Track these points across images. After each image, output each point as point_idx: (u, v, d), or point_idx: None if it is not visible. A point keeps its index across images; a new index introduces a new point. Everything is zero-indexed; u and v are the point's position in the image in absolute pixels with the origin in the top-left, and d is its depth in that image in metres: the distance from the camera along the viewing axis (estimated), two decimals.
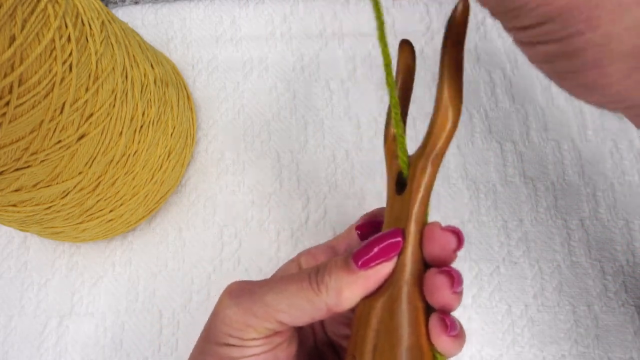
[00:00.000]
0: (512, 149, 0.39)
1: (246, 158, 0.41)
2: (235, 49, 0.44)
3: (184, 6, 0.45)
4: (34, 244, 0.40)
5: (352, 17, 0.44)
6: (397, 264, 0.21)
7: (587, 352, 0.34)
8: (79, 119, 0.27)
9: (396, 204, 0.22)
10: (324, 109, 0.41)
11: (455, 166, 0.39)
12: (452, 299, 0.20)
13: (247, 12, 0.45)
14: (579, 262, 0.36)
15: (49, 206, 0.30)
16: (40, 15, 0.22)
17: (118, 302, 0.38)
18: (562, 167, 0.38)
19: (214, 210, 0.40)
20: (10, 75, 0.21)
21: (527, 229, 0.37)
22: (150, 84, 0.34)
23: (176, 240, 0.39)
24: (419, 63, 0.42)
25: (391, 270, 0.21)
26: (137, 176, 0.34)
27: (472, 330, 0.35)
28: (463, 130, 0.40)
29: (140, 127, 0.33)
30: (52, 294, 0.39)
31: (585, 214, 0.37)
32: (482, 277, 0.36)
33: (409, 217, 0.21)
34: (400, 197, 0.22)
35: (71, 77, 0.25)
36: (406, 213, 0.21)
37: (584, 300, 0.36)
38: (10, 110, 0.22)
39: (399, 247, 0.21)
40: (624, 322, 0.35)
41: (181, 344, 0.37)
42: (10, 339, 0.38)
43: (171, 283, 0.38)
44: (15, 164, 0.25)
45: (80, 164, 0.29)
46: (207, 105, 0.42)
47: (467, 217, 0.38)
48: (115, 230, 0.37)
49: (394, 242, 0.21)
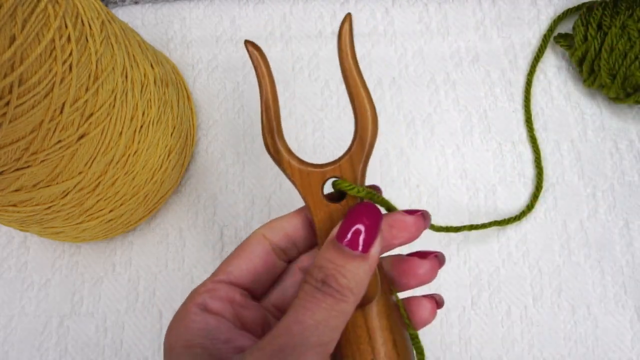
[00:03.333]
0: (512, 149, 0.39)
1: (246, 158, 0.41)
2: (235, 49, 0.44)
3: (184, 6, 0.45)
4: (34, 244, 0.40)
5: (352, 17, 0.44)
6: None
7: (587, 352, 0.35)
8: (79, 119, 0.27)
9: (334, 212, 0.22)
10: (323, 109, 0.41)
11: (455, 166, 0.39)
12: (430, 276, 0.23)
13: (247, 12, 0.45)
14: (579, 262, 0.36)
15: (49, 206, 0.30)
16: (40, 15, 0.22)
17: (118, 302, 0.38)
18: (561, 167, 0.38)
19: (214, 210, 0.40)
20: (10, 75, 0.21)
21: (527, 229, 0.37)
22: (150, 84, 0.34)
23: (176, 240, 0.39)
24: (417, 62, 0.42)
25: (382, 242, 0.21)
26: (137, 176, 0.34)
27: (472, 330, 0.35)
28: (463, 130, 0.40)
29: (140, 127, 0.33)
30: (52, 294, 0.39)
31: (585, 214, 0.37)
32: (482, 278, 0.37)
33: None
34: (337, 204, 0.22)
35: (71, 77, 0.25)
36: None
37: (583, 301, 0.36)
38: (10, 110, 0.22)
39: (379, 214, 0.21)
40: (623, 322, 0.35)
41: None
42: (10, 339, 0.38)
43: (171, 283, 0.38)
44: (15, 164, 0.25)
45: (80, 164, 0.29)
46: (207, 105, 0.42)
47: (467, 218, 0.38)
48: (115, 230, 0.37)
49: (374, 211, 0.21)
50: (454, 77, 0.41)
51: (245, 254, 0.23)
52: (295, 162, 0.23)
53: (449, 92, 0.41)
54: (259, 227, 0.24)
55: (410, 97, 0.41)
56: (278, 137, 0.23)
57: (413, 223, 0.22)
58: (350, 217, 0.21)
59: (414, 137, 0.40)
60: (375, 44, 0.43)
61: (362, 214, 0.21)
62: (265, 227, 0.24)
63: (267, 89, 0.23)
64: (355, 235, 0.20)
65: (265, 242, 0.24)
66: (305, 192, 0.23)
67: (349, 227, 0.20)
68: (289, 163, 0.23)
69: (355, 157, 0.22)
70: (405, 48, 0.42)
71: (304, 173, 0.23)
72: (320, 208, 0.22)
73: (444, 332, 0.36)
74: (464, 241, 0.37)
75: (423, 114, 0.40)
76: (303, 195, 0.23)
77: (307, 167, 0.23)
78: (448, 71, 0.41)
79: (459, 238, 0.37)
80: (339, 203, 0.22)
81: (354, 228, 0.20)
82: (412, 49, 0.42)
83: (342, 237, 0.20)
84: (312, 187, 0.23)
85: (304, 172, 0.23)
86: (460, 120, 0.40)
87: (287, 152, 0.23)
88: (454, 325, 0.36)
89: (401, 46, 0.42)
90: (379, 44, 0.43)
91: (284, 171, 0.23)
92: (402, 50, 0.42)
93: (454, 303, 0.36)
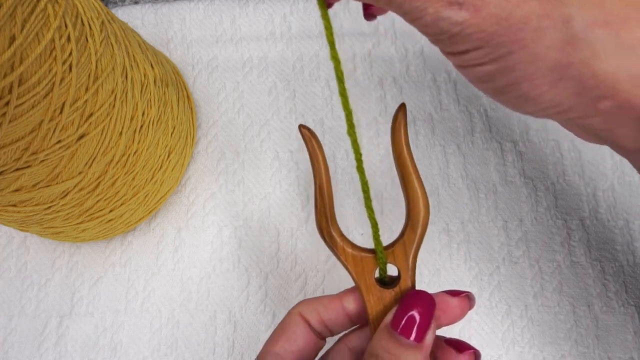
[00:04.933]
0: (512, 149, 0.39)
1: (246, 158, 0.41)
2: (235, 49, 0.44)
3: (184, 6, 0.45)
4: (34, 244, 0.40)
5: (352, 17, 0.44)
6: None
7: (587, 352, 0.34)
8: (79, 119, 0.27)
9: (386, 297, 0.23)
10: (323, 109, 0.41)
11: (455, 166, 0.39)
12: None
13: (247, 12, 0.45)
14: (579, 262, 0.36)
15: (49, 206, 0.30)
16: (40, 15, 0.22)
17: (118, 302, 0.38)
18: (562, 167, 0.38)
19: (214, 210, 0.40)
20: (10, 75, 0.21)
21: (527, 229, 0.37)
22: (150, 84, 0.34)
23: (176, 240, 0.39)
24: (418, 62, 0.42)
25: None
26: (137, 176, 0.34)
27: (472, 330, 0.35)
28: (463, 130, 0.40)
29: (140, 127, 0.32)
30: (52, 294, 0.39)
31: (585, 214, 0.37)
32: (482, 277, 0.36)
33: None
34: (389, 290, 0.23)
35: (71, 77, 0.25)
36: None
37: (584, 300, 0.36)
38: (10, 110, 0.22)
39: (433, 302, 0.21)
40: (624, 322, 0.35)
41: (181, 343, 0.37)
42: (10, 339, 0.38)
43: (171, 283, 0.38)
44: (15, 164, 0.25)
45: (80, 164, 0.29)
46: (207, 105, 0.42)
47: (467, 217, 0.38)
48: (115, 231, 0.37)
49: (428, 299, 0.21)
50: (455, 77, 0.41)
51: (287, 335, 0.23)
52: (349, 248, 0.23)
53: (449, 92, 0.41)
54: (296, 306, 0.24)
55: (411, 97, 0.41)
56: (332, 223, 0.23)
57: (457, 305, 0.22)
58: (405, 305, 0.21)
59: (414, 137, 0.40)
60: (376, 44, 0.43)
61: (417, 302, 0.21)
62: (302, 306, 0.24)
63: (321, 175, 0.23)
64: (409, 322, 0.20)
65: (304, 323, 0.24)
66: (359, 277, 0.23)
67: (404, 315, 0.20)
68: (343, 249, 0.23)
69: (408, 244, 0.23)
70: (406, 48, 0.42)
71: (357, 259, 0.23)
72: (373, 293, 0.23)
73: (444, 331, 0.36)
74: (465, 240, 0.37)
75: (424, 113, 0.40)
76: (356, 280, 0.23)
77: (360, 252, 0.23)
78: (449, 71, 0.41)
79: (459, 237, 0.37)
80: (392, 289, 0.23)
81: (408, 315, 0.20)
82: (413, 49, 0.42)
83: (397, 325, 0.20)
84: (365, 272, 0.23)
85: (358, 258, 0.23)
86: (461, 120, 0.40)
87: (341, 238, 0.23)
88: (454, 325, 0.36)
89: (402, 46, 0.42)
90: (380, 44, 0.43)
91: (337, 257, 0.23)
92: (403, 50, 0.42)
93: None
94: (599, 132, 0.21)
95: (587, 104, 0.20)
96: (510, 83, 0.20)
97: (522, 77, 0.20)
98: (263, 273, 0.38)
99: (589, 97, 0.20)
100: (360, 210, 0.39)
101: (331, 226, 0.23)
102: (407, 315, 0.20)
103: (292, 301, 0.37)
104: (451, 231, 0.38)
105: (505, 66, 0.20)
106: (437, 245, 0.37)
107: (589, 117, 0.20)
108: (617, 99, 0.19)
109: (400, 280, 0.23)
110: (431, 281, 0.37)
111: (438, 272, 0.37)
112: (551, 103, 0.21)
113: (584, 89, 0.20)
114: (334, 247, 0.23)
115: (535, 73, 0.20)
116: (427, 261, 0.37)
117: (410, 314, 0.20)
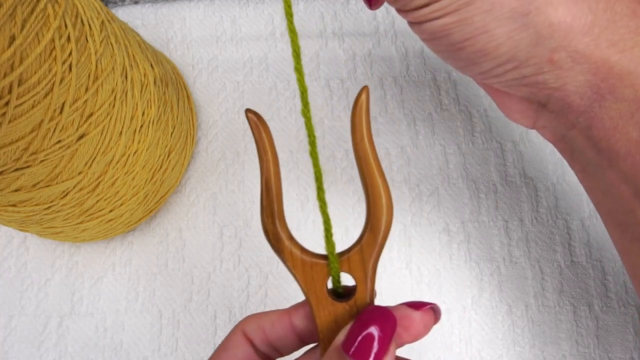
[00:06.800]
0: (513, 149, 0.39)
1: (246, 158, 0.41)
2: (235, 49, 0.44)
3: (184, 6, 0.45)
4: (34, 244, 0.40)
5: (352, 17, 0.44)
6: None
7: (587, 352, 0.34)
8: (79, 119, 0.27)
9: (339, 311, 0.19)
10: (323, 109, 0.41)
11: (455, 166, 0.39)
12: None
13: (247, 12, 0.45)
14: (580, 262, 0.36)
15: (49, 206, 0.30)
16: (40, 15, 0.22)
17: (118, 302, 0.38)
18: (562, 167, 0.38)
19: (214, 210, 0.40)
20: (10, 75, 0.21)
21: (528, 229, 0.37)
22: (150, 84, 0.34)
23: (176, 240, 0.39)
24: (418, 62, 0.42)
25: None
26: (137, 176, 0.34)
27: (472, 330, 0.35)
28: (463, 130, 0.40)
29: (140, 127, 0.32)
30: (52, 294, 0.39)
31: (586, 214, 0.37)
32: (483, 278, 0.36)
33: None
34: (343, 303, 0.19)
35: (71, 77, 0.25)
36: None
37: (584, 300, 0.36)
38: (10, 110, 0.22)
39: (394, 321, 0.18)
40: (624, 322, 0.35)
41: (181, 344, 0.37)
42: (10, 339, 0.38)
43: (171, 283, 0.38)
44: (15, 164, 0.25)
45: (80, 164, 0.29)
46: (207, 105, 0.42)
47: (467, 217, 0.38)
48: (115, 231, 0.37)
49: (389, 318, 0.18)
50: (455, 77, 0.41)
51: (227, 358, 0.20)
52: (297, 252, 0.20)
53: (449, 92, 0.41)
54: (240, 322, 0.21)
55: (411, 97, 0.41)
56: (279, 222, 0.20)
57: (420, 320, 0.19)
58: (360, 323, 0.18)
59: (414, 137, 0.40)
60: (376, 44, 0.43)
61: (374, 319, 0.18)
62: (246, 323, 0.21)
63: (269, 166, 0.20)
64: (364, 344, 0.17)
65: (247, 343, 0.21)
66: (308, 287, 0.20)
67: (358, 334, 0.17)
68: (290, 253, 0.20)
69: (366, 250, 0.19)
70: (406, 48, 0.42)
71: (307, 265, 0.20)
72: (325, 306, 0.19)
73: (444, 332, 0.36)
74: (465, 240, 0.37)
75: (424, 113, 0.40)
76: (305, 291, 0.20)
77: (311, 257, 0.20)
78: (449, 70, 0.41)
79: (459, 237, 0.37)
80: (347, 302, 0.19)
81: (363, 335, 0.17)
82: (413, 49, 0.42)
83: (349, 346, 0.17)
84: (315, 282, 0.20)
85: (307, 264, 0.20)
86: (461, 120, 0.40)
87: (289, 240, 0.20)
88: (454, 325, 0.36)
89: (402, 46, 0.42)
90: (380, 44, 0.43)
91: (284, 262, 0.20)
92: (403, 50, 0.42)
93: (454, 303, 0.36)
94: (551, 93, 0.21)
95: (542, 55, 0.20)
96: (468, 37, 0.20)
97: (479, 28, 0.20)
98: (263, 273, 0.38)
99: (544, 48, 0.20)
100: (361, 210, 0.39)
101: (278, 227, 0.20)
102: (362, 335, 0.17)
103: (292, 301, 0.37)
104: (451, 231, 0.38)
105: (463, 18, 0.20)
106: (437, 245, 0.37)
107: (542, 72, 0.20)
108: (571, 49, 0.19)
109: (357, 292, 0.19)
110: (431, 281, 0.37)
111: (438, 272, 0.37)
112: (507, 56, 0.20)
113: (539, 38, 0.20)
114: (281, 251, 0.20)
115: (492, 23, 0.20)
116: (427, 261, 0.37)
117: (365, 334, 0.17)
